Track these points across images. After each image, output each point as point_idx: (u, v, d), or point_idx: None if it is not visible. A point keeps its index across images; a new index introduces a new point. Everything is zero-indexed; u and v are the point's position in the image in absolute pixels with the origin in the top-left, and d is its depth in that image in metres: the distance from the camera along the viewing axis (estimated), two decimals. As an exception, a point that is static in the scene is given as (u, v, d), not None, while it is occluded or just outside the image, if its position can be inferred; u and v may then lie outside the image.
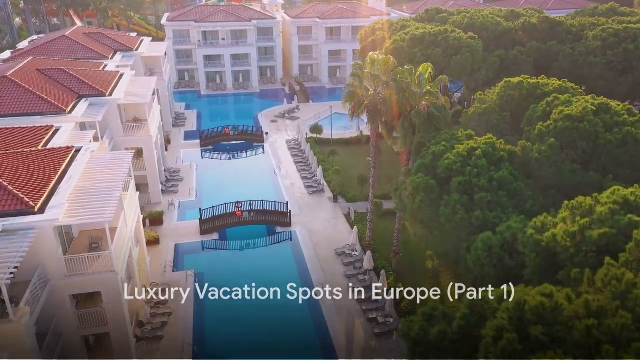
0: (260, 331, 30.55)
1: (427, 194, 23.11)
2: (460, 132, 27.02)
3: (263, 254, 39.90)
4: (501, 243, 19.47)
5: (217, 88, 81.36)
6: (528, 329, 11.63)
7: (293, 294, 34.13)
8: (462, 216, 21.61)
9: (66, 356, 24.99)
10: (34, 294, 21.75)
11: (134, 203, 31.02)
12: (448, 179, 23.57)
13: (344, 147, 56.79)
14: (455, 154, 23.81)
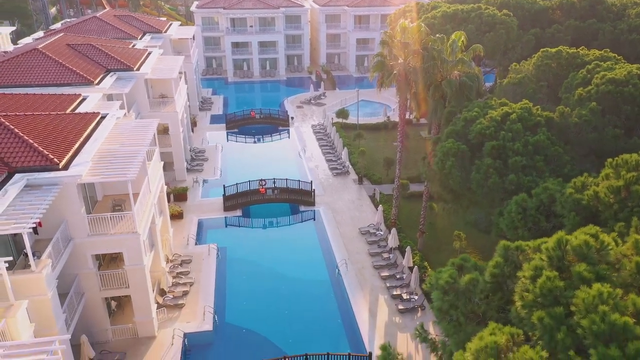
0: (281, 304, 30.02)
1: (457, 158, 22.09)
2: (493, 101, 25.85)
3: (286, 231, 39.42)
4: (537, 205, 18.34)
5: (244, 75, 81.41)
6: (570, 268, 10.65)
7: (315, 269, 33.79)
8: (495, 180, 20.52)
9: (88, 316, 24.97)
10: (56, 248, 21.70)
11: (157, 172, 30.88)
12: (480, 145, 22.49)
13: (370, 133, 55.82)
14: (489, 119, 22.71)
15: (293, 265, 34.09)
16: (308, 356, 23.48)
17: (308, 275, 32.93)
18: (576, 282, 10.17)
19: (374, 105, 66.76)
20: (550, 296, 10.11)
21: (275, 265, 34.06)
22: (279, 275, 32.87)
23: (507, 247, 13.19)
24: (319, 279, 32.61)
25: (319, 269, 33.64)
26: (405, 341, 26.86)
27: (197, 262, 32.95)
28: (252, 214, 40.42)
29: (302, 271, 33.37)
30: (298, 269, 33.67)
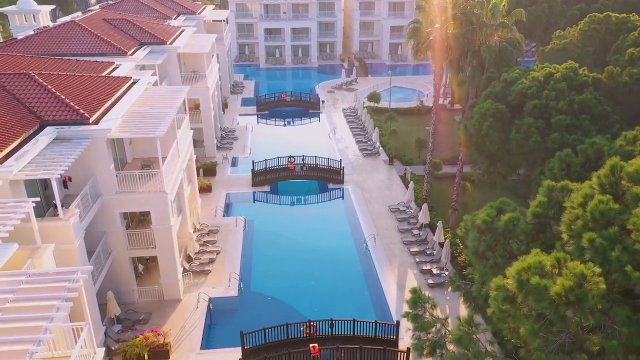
0: (307, 276, 29.49)
1: (495, 119, 20.96)
2: (536, 66, 24.51)
3: (313, 207, 38.89)
4: (583, 161, 17.10)
5: (276, 62, 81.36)
6: (625, 194, 9.61)
7: (343, 244, 33.10)
8: (536, 139, 19.34)
9: (115, 276, 25.03)
10: (85, 201, 21.75)
11: (186, 140, 30.79)
12: (520, 106, 21.29)
13: (402, 117, 54.57)
14: (530, 79, 21.48)
15: (320, 239, 33.52)
16: (333, 321, 22.80)
17: (335, 250, 32.26)
18: (632, 205, 9.14)
19: (407, 91, 65.52)
20: (602, 219, 9.15)
21: (303, 239, 33.56)
22: (306, 249, 32.33)
23: (552, 188, 12.19)
24: (346, 253, 31.90)
25: (346, 244, 32.93)
26: (434, 315, 25.80)
27: (224, 233, 32.76)
28: (280, 190, 40.03)
29: (329, 245, 32.74)
30: (325, 243, 33.06)
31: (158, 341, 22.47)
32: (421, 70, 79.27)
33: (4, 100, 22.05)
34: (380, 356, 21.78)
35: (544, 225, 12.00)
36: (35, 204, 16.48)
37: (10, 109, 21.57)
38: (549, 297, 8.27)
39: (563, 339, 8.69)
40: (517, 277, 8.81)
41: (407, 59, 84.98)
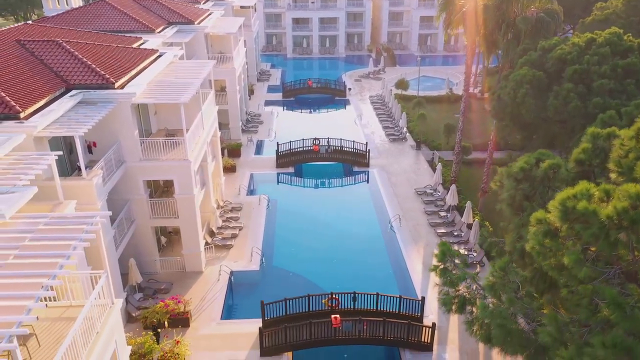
0: (330, 253, 28.93)
1: (532, 86, 19.88)
2: (575, 35, 23.24)
3: (338, 189, 38.29)
4: (627, 124, 15.94)
5: (303, 52, 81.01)
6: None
7: (367, 224, 32.39)
8: (576, 104, 18.23)
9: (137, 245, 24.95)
10: (108, 164, 21.66)
11: (211, 114, 30.55)
12: (558, 72, 20.17)
13: (430, 105, 53.37)
14: (570, 44, 20.33)
15: (344, 220, 32.88)
16: (356, 294, 22.13)
17: (359, 230, 31.58)
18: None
19: (436, 81, 64.20)
20: (658, 148, 8.21)
21: (326, 219, 32.99)
22: (330, 228, 31.76)
23: (597, 135, 11.26)
24: (371, 233, 31.19)
25: (370, 225, 32.21)
26: (461, 295, 24.83)
27: (247, 210, 32.45)
28: (305, 172, 39.56)
29: (353, 226, 32.08)
30: (349, 224, 32.41)
31: (179, 309, 22.24)
32: (451, 61, 77.79)
33: (32, 65, 22.17)
34: (404, 331, 21.01)
35: (588, 174, 11.08)
36: (57, 158, 16.33)
37: (37, 72, 21.66)
38: (598, 222, 7.44)
39: (613, 272, 7.86)
40: (562, 206, 8.00)
41: (436, 50, 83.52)
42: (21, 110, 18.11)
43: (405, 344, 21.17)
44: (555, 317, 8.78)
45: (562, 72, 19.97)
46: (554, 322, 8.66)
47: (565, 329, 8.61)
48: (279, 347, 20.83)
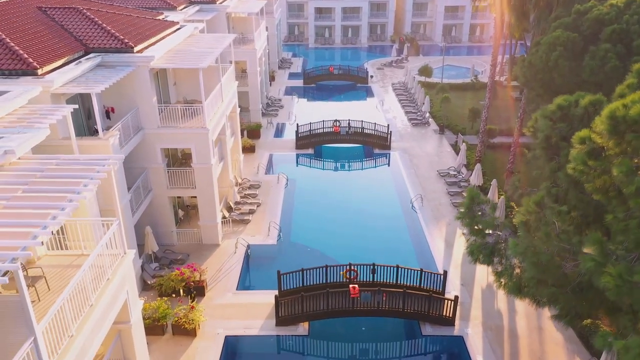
0: (349, 230, 28.25)
1: (566, 49, 18.82)
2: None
3: (358, 170, 37.56)
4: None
5: (325, 42, 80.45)
6: None
7: (387, 204, 31.60)
8: (614, 64, 17.15)
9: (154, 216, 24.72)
10: (126, 128, 21.40)
11: (230, 88, 30.15)
12: (594, 35, 19.04)
13: (455, 92, 52.07)
14: (608, 5, 19.20)
15: (364, 199, 32.14)
16: (375, 266, 21.41)
17: (380, 209, 30.81)
18: None
19: (460, 69, 62.88)
20: None
21: (346, 198, 32.32)
22: (349, 207, 31.08)
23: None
24: (391, 212, 30.41)
25: (391, 204, 31.41)
26: (485, 272, 23.92)
27: (266, 188, 31.99)
28: (324, 154, 38.92)
29: (373, 205, 31.33)
30: (370, 203, 31.67)
31: (194, 277, 21.87)
32: (476, 52, 76.11)
33: (52, 29, 22.07)
34: (425, 303, 20.19)
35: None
36: (75, 122, 16.06)
37: (56, 35, 21.54)
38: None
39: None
40: (610, 118, 7.17)
41: (461, 41, 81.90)
42: (39, 67, 17.94)
43: (426, 318, 20.36)
44: (599, 240, 7.94)
45: (598, 34, 18.88)
46: (598, 245, 7.84)
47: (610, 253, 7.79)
48: (295, 317, 20.26)
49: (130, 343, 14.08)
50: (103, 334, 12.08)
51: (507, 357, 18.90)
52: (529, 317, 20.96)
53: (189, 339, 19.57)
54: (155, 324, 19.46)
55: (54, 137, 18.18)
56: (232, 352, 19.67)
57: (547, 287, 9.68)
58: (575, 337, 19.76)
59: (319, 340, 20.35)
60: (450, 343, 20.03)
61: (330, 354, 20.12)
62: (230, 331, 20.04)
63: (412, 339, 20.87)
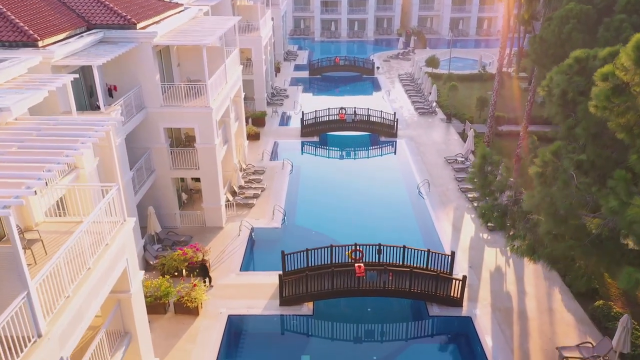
0: (355, 215, 27.82)
1: (579, 21, 18.27)
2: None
3: (364, 157, 37.12)
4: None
5: (331, 36, 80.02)
6: None
7: (394, 189, 31.13)
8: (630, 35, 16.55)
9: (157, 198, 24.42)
10: (128, 106, 21.09)
11: (235, 72, 29.78)
12: (609, 7, 18.47)
13: (462, 82, 51.46)
14: (622, -23, 18.64)
15: (370, 186, 31.69)
16: (381, 246, 20.95)
17: (386, 195, 30.35)
18: None
19: (467, 61, 62.28)
20: None
21: (351, 184, 31.92)
22: (355, 192, 30.65)
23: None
24: (398, 198, 29.95)
25: (397, 190, 30.94)
26: (494, 255, 23.43)
27: (270, 174, 31.63)
28: (330, 141, 38.48)
29: (379, 191, 30.87)
30: (375, 189, 31.22)
31: (197, 257, 21.53)
32: (483, 45, 75.34)
33: (53, 5, 21.75)
34: (432, 283, 19.73)
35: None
36: (73, 80, 15.74)
37: (58, 11, 21.24)
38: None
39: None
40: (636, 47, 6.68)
41: (468, 34, 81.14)
42: (39, 39, 17.66)
43: (433, 298, 19.89)
44: (624, 177, 7.45)
45: (612, 6, 18.34)
46: (623, 183, 7.35)
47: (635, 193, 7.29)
48: (299, 296, 19.85)
49: (130, 314, 13.73)
50: (101, 299, 11.74)
51: (517, 338, 18.40)
52: (539, 299, 20.44)
53: (191, 317, 19.22)
54: (157, 302, 19.13)
55: (54, 111, 17.97)
56: (235, 331, 19.30)
57: (564, 241, 9.19)
58: (587, 319, 19.23)
59: (324, 321, 19.93)
60: (458, 324, 19.55)
61: (335, 335, 19.70)
62: (233, 310, 19.67)
63: (418, 319, 20.40)
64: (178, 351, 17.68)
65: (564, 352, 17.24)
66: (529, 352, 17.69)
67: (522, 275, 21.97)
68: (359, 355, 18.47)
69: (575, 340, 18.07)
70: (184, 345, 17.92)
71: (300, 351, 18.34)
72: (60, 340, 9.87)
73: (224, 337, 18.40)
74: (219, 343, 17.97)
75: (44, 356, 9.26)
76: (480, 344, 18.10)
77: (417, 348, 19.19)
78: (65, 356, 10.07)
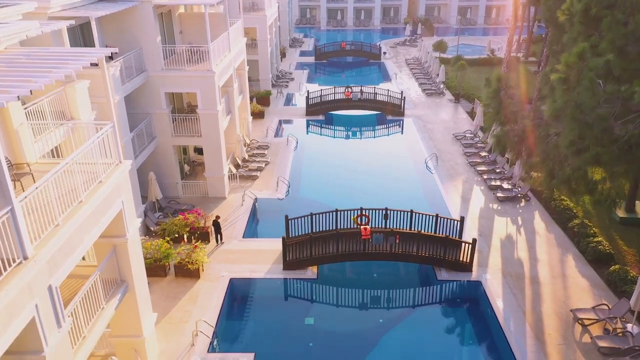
0: (361, 187, 27.14)
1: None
2: None
3: (370, 135, 36.31)
4: None
5: (337, 24, 79.36)
6: None
7: (401, 164, 30.46)
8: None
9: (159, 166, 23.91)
10: (128, 67, 20.56)
11: (239, 42, 29.20)
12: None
13: (470, 67, 50.46)
14: None
15: (376, 161, 31.02)
16: (388, 210, 20.28)
17: (393, 168, 29.69)
18: None
19: (476, 47, 61.46)
20: None
21: (357, 159, 31.31)
22: (361, 166, 30.04)
23: None
24: (405, 170, 29.29)
25: (405, 164, 30.27)
26: (504, 224, 22.70)
27: (274, 150, 31.04)
28: (335, 120, 37.83)
29: (386, 165, 30.22)
30: (382, 163, 30.57)
31: (198, 222, 20.98)
32: (492, 34, 74.33)
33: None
34: (440, 246, 19.04)
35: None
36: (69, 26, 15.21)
37: (59, -31, 20.77)
38: None
39: None
40: None
41: (476, 23, 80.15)
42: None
43: (441, 262, 19.20)
44: None
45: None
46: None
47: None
48: (303, 260, 19.24)
49: (127, 262, 13.20)
50: (94, 235, 11.20)
51: (529, 301, 17.68)
52: (552, 265, 19.70)
53: (192, 280, 18.67)
54: (157, 264, 18.60)
55: (52, 65, 17.49)
56: (237, 294, 18.73)
57: (588, 152, 8.47)
58: (603, 284, 18.47)
59: (328, 285, 19.32)
60: (467, 287, 18.85)
61: (339, 299, 19.05)
62: (235, 274, 19.10)
63: (426, 284, 19.71)
64: (178, 311, 17.14)
65: (579, 313, 16.51)
66: (542, 315, 16.97)
67: (533, 243, 21.22)
68: (365, 318, 17.84)
69: (590, 304, 17.32)
70: (185, 306, 17.37)
71: (304, 314, 17.73)
72: (49, 267, 9.33)
73: (225, 299, 17.83)
74: (220, 305, 17.40)
75: (30, 278, 8.72)
76: (490, 307, 17.42)
77: (425, 311, 18.51)
78: (55, 285, 9.53)
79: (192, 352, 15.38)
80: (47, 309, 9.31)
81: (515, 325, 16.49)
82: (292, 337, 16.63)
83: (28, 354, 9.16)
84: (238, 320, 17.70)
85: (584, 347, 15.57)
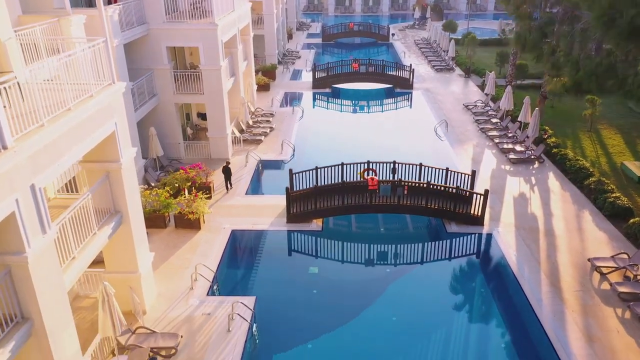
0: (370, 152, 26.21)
1: None
2: None
3: (378, 107, 35.54)
4: None
5: (344, 11, 78.52)
6: None
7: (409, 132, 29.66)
8: None
9: (160, 125, 23.31)
10: (127, 12, 19.96)
11: (243, 4, 28.54)
12: None
13: (482, 47, 49.46)
14: None
15: (384, 130, 30.24)
16: (396, 164, 19.52)
17: (401, 139, 28.82)
18: None
19: (486, 31, 60.27)
20: None
21: (365, 127, 30.59)
22: (368, 133, 29.31)
23: None
24: (414, 136, 28.52)
25: (414, 130, 29.47)
26: (517, 183, 21.85)
27: (280, 118, 30.38)
28: (342, 94, 37.07)
29: (394, 134, 29.40)
30: (390, 132, 29.76)
31: (200, 177, 20.34)
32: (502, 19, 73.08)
33: None
34: (450, 199, 18.25)
35: None
36: None
37: None
38: None
39: None
40: None
41: (486, 10, 78.93)
42: None
43: (452, 216, 18.41)
44: None
45: None
46: None
47: None
48: (307, 212, 18.54)
49: (121, 191, 12.60)
50: (85, 147, 10.59)
51: (544, 252, 16.85)
52: (568, 220, 18.85)
53: (193, 232, 18.06)
54: (156, 214, 17.99)
55: (47, 6, 16.96)
56: (239, 245, 18.10)
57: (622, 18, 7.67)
58: (621, 236, 17.61)
59: (333, 239, 18.60)
60: (478, 240, 18.04)
61: (345, 253, 18.31)
62: (237, 226, 18.46)
63: (435, 238, 18.91)
64: (178, 259, 16.52)
65: (597, 262, 15.67)
66: (557, 265, 16.15)
67: (548, 200, 20.37)
68: (371, 269, 17.10)
69: (609, 255, 16.45)
70: (184, 254, 16.76)
71: (309, 264, 17.02)
72: (32, 164, 8.71)
73: (227, 249, 17.21)
74: (220, 254, 16.76)
75: (9, 169, 8.10)
76: (503, 257, 16.64)
77: (434, 263, 17.72)
78: (39, 186, 8.91)
79: (191, 295, 14.76)
80: (30, 209, 8.71)
81: (529, 274, 15.68)
82: (296, 285, 15.94)
83: (10, 254, 8.57)
84: (239, 268, 17.06)
85: (603, 294, 14.73)
